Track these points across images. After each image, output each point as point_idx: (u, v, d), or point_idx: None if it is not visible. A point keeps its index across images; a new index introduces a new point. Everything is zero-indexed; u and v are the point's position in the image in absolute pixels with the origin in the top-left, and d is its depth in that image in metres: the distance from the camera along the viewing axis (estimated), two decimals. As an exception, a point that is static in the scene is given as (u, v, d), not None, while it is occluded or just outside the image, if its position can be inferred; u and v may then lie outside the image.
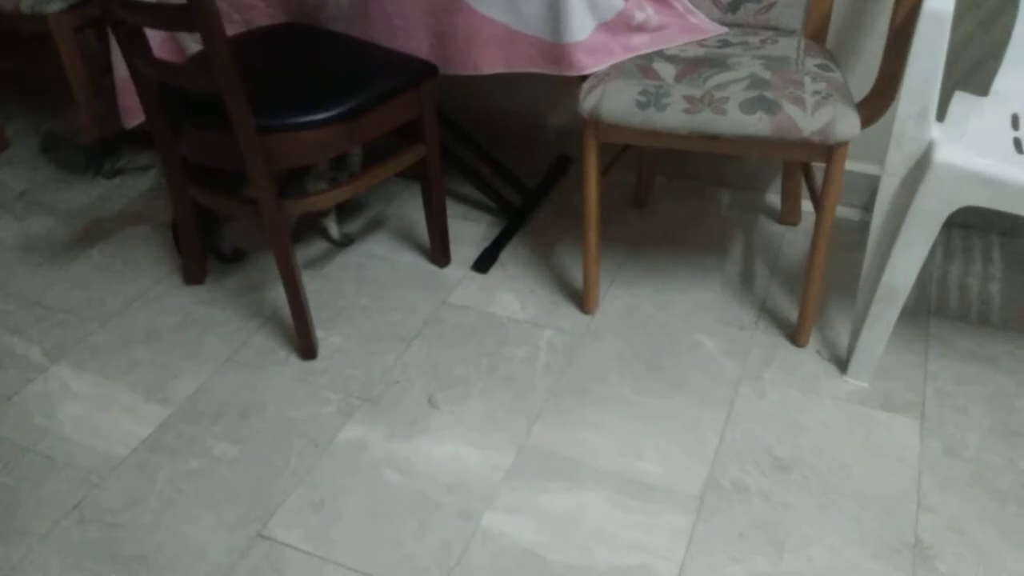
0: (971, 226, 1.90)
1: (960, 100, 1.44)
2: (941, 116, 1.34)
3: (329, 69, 1.53)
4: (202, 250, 1.80)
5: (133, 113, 1.85)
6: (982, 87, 1.49)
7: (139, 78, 1.52)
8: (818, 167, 1.71)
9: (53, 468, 1.41)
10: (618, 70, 1.48)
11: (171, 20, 1.34)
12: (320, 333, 1.67)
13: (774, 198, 2.02)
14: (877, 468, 1.36)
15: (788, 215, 1.93)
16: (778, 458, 1.38)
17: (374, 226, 1.99)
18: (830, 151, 1.37)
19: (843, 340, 1.60)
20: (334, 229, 1.89)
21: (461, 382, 1.55)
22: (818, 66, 1.46)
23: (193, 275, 1.81)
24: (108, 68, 1.89)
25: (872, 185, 1.93)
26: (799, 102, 1.35)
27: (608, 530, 1.27)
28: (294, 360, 1.61)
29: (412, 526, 1.29)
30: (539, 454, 1.40)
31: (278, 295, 1.78)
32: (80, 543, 1.29)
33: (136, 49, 1.47)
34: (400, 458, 1.40)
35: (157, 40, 1.71)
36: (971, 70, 1.73)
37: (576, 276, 1.80)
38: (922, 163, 1.30)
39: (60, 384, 1.58)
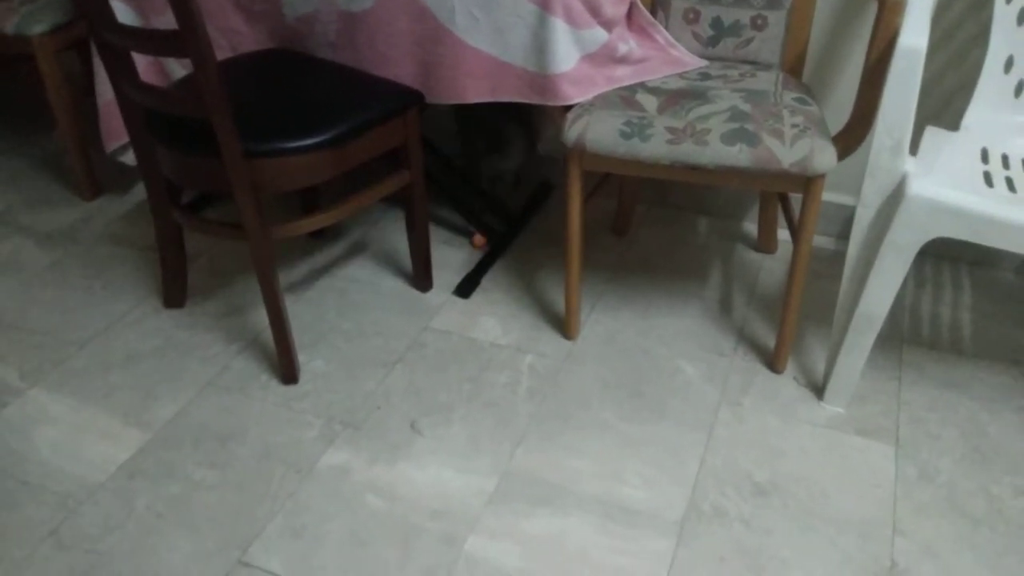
0: (942, 256, 1.94)
1: (932, 134, 1.48)
2: (913, 150, 1.38)
3: (316, 95, 1.55)
4: (183, 272, 1.79)
5: (116, 135, 1.86)
6: (952, 122, 1.54)
7: (125, 102, 1.53)
8: (794, 196, 1.75)
9: (30, 493, 1.39)
10: (602, 101, 1.51)
11: (161, 45, 1.35)
12: (302, 357, 1.67)
13: (751, 226, 2.06)
14: (854, 493, 1.38)
15: (765, 243, 1.97)
16: (757, 483, 1.40)
17: (356, 251, 2.00)
18: (808, 183, 1.41)
19: (819, 367, 1.63)
20: None
21: (444, 407, 1.55)
22: (796, 99, 1.50)
23: (173, 298, 1.80)
24: (90, 90, 1.89)
25: (846, 215, 1.97)
26: (778, 135, 1.39)
27: (591, 555, 1.28)
28: (275, 385, 1.61)
29: (395, 552, 1.29)
30: (522, 479, 1.41)
31: (259, 319, 1.77)
32: (58, 569, 1.27)
33: (123, 73, 1.47)
34: (383, 483, 1.40)
35: (142, 64, 1.72)
36: (942, 105, 1.78)
37: (557, 301, 1.82)
38: (896, 195, 1.33)
39: (37, 408, 1.56)
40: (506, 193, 1.92)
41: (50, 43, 2.01)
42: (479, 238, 1.82)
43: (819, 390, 1.58)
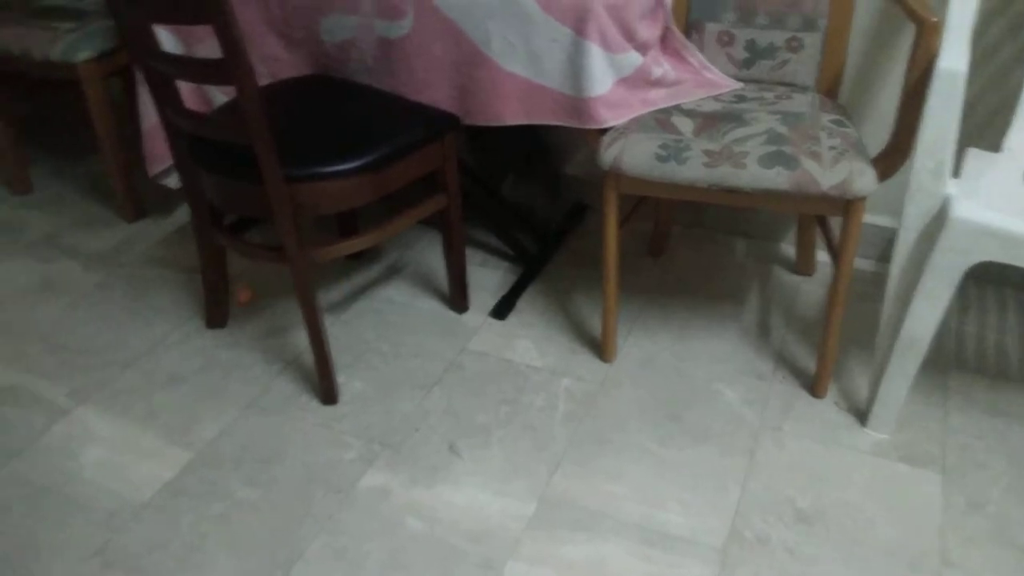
0: (986, 280, 1.91)
1: (973, 156, 1.46)
2: (955, 172, 1.37)
3: (354, 120, 1.57)
4: (224, 294, 1.82)
5: (159, 159, 1.90)
6: (994, 143, 1.52)
7: (170, 128, 1.56)
8: (833, 218, 1.74)
9: (76, 511, 1.42)
10: (637, 124, 1.51)
11: (205, 73, 1.38)
12: (341, 378, 1.68)
13: (789, 248, 2.04)
14: (900, 522, 1.36)
15: (803, 265, 1.95)
16: (800, 510, 1.38)
17: (393, 272, 2.02)
18: (847, 206, 1.40)
19: (860, 391, 1.61)
20: None
21: (482, 430, 1.55)
22: (833, 121, 1.49)
23: (215, 319, 1.83)
24: (133, 116, 1.93)
25: (886, 236, 1.95)
26: (817, 157, 1.38)
27: (630, 581, 1.27)
28: (315, 405, 1.62)
29: (435, 575, 1.29)
30: (560, 504, 1.40)
31: (299, 339, 1.79)
32: (102, 589, 1.29)
33: (168, 100, 1.51)
34: (422, 506, 1.41)
35: (184, 91, 1.75)
36: (983, 126, 1.76)
37: (593, 323, 1.82)
38: (939, 218, 1.32)
39: (83, 427, 1.59)
40: (543, 211, 1.92)
41: (95, 69, 2.06)
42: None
43: (862, 415, 1.55)
